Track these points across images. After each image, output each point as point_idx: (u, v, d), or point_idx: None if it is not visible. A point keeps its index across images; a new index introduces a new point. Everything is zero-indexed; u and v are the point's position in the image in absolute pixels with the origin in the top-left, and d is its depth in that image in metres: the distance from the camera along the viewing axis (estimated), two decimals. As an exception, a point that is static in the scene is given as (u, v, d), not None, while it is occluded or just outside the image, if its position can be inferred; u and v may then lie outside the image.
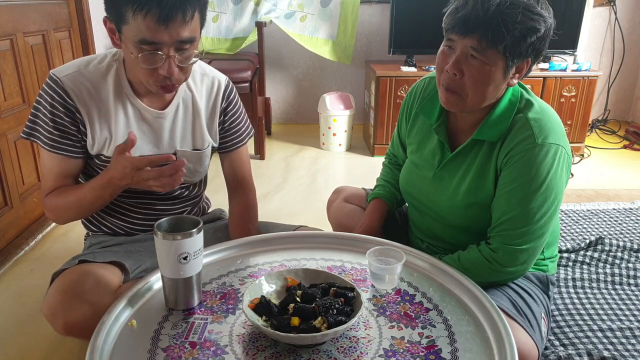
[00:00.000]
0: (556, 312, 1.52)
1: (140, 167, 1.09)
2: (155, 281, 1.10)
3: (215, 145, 1.38)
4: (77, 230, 2.09)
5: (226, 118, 1.37)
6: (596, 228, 2.14)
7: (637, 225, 2.17)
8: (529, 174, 1.09)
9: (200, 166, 1.36)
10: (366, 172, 2.95)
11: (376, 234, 1.35)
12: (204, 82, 1.32)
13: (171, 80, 1.12)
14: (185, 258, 0.97)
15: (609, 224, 2.17)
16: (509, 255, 1.12)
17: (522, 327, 1.09)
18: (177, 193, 1.35)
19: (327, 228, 1.61)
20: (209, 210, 1.57)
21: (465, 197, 1.20)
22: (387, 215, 1.44)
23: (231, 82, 1.39)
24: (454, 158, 1.22)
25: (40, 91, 1.19)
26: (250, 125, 1.46)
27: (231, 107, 1.37)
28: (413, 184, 1.33)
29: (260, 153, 3.11)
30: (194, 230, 0.97)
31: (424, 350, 0.92)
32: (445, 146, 1.23)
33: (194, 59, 1.13)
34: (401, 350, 0.92)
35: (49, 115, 1.17)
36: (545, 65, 3.18)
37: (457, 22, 1.05)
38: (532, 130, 1.10)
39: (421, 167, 1.30)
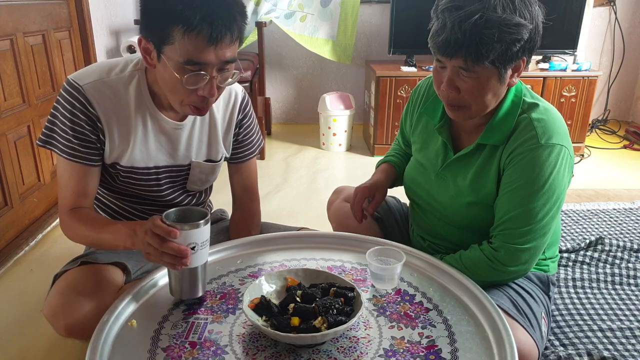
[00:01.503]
0: (556, 312, 1.52)
1: (153, 229, 0.96)
2: (156, 281, 1.10)
3: (228, 156, 1.37)
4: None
5: (241, 130, 1.36)
6: (596, 228, 2.14)
7: (637, 225, 2.17)
8: (531, 173, 1.09)
9: (212, 176, 1.36)
10: (366, 172, 2.94)
11: (382, 189, 1.40)
12: (221, 93, 1.31)
13: (208, 103, 1.10)
14: (192, 248, 0.97)
15: (609, 224, 2.17)
16: (510, 254, 1.12)
17: (523, 326, 1.10)
18: (185, 202, 1.34)
19: (327, 228, 1.61)
20: (211, 212, 1.57)
21: (467, 196, 1.20)
22: (394, 179, 1.46)
23: (246, 94, 1.38)
24: (457, 160, 1.22)
25: (59, 98, 1.14)
26: (261, 137, 1.45)
27: (246, 119, 1.37)
28: (417, 182, 1.33)
29: (260, 153, 3.11)
30: (201, 221, 0.97)
31: (424, 350, 0.92)
32: (448, 146, 1.24)
33: (231, 80, 1.11)
34: (401, 350, 0.92)
35: (68, 123, 1.13)
36: (545, 65, 3.18)
37: (439, 46, 1.05)
38: (535, 130, 1.10)
39: (425, 166, 1.31)
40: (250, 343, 0.94)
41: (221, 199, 1.74)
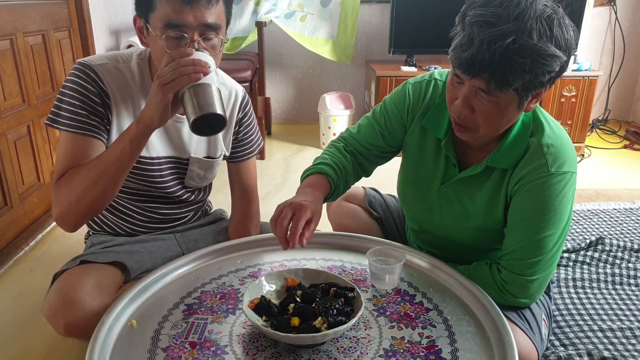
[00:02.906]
0: (556, 312, 1.52)
1: (167, 58, 1.01)
2: (155, 281, 1.10)
3: (227, 154, 1.38)
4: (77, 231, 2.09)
5: (241, 129, 1.38)
6: (596, 228, 2.13)
7: (637, 225, 2.16)
8: (541, 203, 1.04)
9: (210, 173, 1.37)
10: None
11: (319, 214, 1.09)
12: (222, 91, 1.32)
13: None
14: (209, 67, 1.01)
15: (609, 224, 2.17)
16: (520, 286, 1.08)
17: (522, 329, 1.08)
18: (183, 197, 1.35)
19: (327, 228, 1.61)
20: (211, 212, 1.57)
21: (474, 221, 1.16)
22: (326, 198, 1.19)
23: (246, 93, 1.39)
24: (462, 179, 1.15)
25: (69, 77, 1.15)
26: (261, 137, 1.46)
27: (246, 118, 1.38)
28: (414, 196, 1.25)
29: (260, 153, 3.11)
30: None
31: (424, 350, 0.92)
32: (452, 161, 1.16)
33: (219, 51, 1.12)
34: (401, 351, 0.92)
35: (77, 95, 1.13)
36: (545, 65, 3.18)
37: (462, 62, 0.95)
38: (545, 158, 1.04)
39: (422, 179, 1.22)
40: (250, 343, 0.94)
41: (221, 199, 1.74)
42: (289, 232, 1.03)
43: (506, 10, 0.91)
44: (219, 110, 1.00)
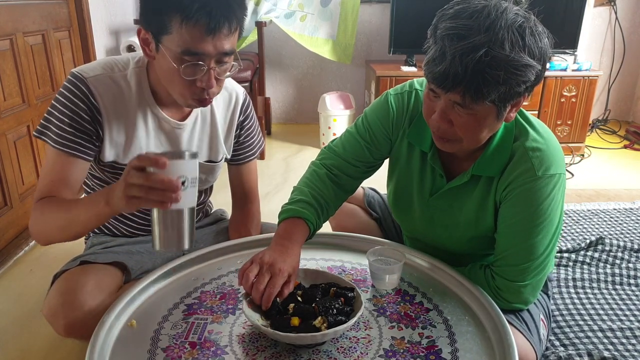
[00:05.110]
0: (556, 312, 1.52)
1: (139, 165, 0.86)
2: (155, 281, 1.10)
3: (228, 157, 1.38)
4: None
5: (242, 132, 1.37)
6: (596, 228, 2.13)
7: (637, 225, 2.16)
8: (529, 209, 1.03)
9: (212, 177, 1.36)
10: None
11: (296, 270, 1.05)
12: (222, 94, 1.31)
13: (208, 94, 1.09)
14: (182, 183, 0.86)
15: (609, 224, 2.17)
16: (513, 292, 1.08)
17: (519, 330, 1.08)
18: None
19: (327, 228, 1.61)
20: (211, 212, 1.57)
21: (466, 231, 1.15)
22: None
23: (248, 96, 1.38)
24: (450, 190, 1.14)
25: (61, 89, 1.13)
26: (262, 139, 1.46)
27: (247, 120, 1.37)
28: (405, 209, 1.24)
29: (260, 153, 3.10)
30: (188, 153, 0.88)
31: (424, 350, 0.92)
32: (439, 172, 1.14)
33: (229, 72, 1.10)
34: (401, 351, 0.92)
35: (66, 112, 1.11)
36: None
37: (436, 77, 0.93)
38: (531, 162, 1.02)
39: (412, 192, 1.20)
40: (250, 343, 0.94)
41: (221, 199, 1.74)
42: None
43: (477, 22, 0.89)
44: (186, 246, 0.92)
